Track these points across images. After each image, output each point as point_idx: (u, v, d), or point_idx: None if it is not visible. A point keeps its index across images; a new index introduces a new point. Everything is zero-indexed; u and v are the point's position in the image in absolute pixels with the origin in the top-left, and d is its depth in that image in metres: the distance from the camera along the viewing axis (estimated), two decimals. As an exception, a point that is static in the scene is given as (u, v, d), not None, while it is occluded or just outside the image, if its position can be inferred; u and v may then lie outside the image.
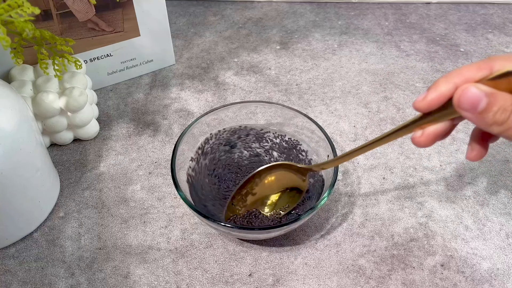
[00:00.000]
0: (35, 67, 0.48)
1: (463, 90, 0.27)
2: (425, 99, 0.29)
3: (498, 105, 0.26)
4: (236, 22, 0.68)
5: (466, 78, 0.28)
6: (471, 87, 0.27)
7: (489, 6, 0.71)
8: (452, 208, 0.43)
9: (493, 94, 0.27)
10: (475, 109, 0.27)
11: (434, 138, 0.30)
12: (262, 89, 0.56)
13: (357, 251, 0.40)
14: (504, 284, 0.38)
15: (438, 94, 0.28)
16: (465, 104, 0.27)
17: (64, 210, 0.44)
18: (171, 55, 0.59)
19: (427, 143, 0.30)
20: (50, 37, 0.38)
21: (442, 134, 0.30)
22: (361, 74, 0.58)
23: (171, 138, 0.50)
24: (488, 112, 0.27)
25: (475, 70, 0.28)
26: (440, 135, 0.30)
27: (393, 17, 0.69)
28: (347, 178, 0.46)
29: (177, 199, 0.44)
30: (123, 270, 0.39)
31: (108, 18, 0.51)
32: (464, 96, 0.27)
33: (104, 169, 0.47)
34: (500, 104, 0.26)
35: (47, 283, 0.38)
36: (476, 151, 0.32)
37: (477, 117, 0.27)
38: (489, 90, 0.27)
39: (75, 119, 0.47)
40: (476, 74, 0.28)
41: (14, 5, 0.33)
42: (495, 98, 0.26)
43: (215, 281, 0.38)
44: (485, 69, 0.28)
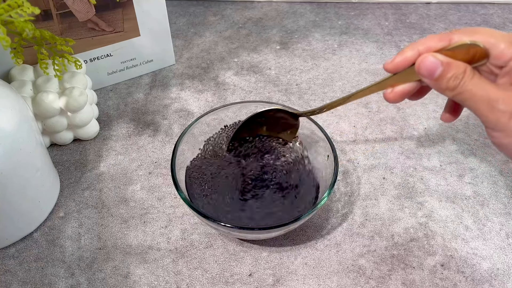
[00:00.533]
0: (35, 67, 0.48)
1: (423, 58, 0.31)
2: (392, 62, 0.33)
3: (451, 73, 0.31)
4: (236, 22, 0.68)
5: (428, 46, 0.32)
6: (430, 56, 0.31)
7: (489, 6, 0.71)
8: (452, 208, 0.43)
9: (448, 63, 0.31)
10: (432, 76, 0.31)
11: (402, 95, 0.34)
12: (262, 89, 0.56)
13: (357, 251, 0.40)
14: (504, 284, 0.38)
15: (403, 58, 0.33)
16: (424, 70, 0.31)
17: (64, 210, 0.44)
18: (171, 55, 0.59)
19: (396, 99, 0.35)
20: (50, 37, 0.38)
21: (410, 93, 0.34)
22: (361, 74, 0.58)
23: (171, 138, 0.50)
24: (442, 78, 0.31)
25: (436, 40, 0.32)
26: (408, 94, 0.34)
27: (393, 17, 0.69)
28: (347, 178, 0.46)
29: (177, 199, 0.44)
30: (123, 270, 0.39)
31: (108, 18, 0.51)
32: (423, 64, 0.31)
33: (104, 169, 0.47)
34: (453, 72, 0.30)
35: (47, 283, 0.38)
36: (447, 115, 0.37)
37: (433, 83, 0.32)
38: (445, 59, 0.31)
39: (75, 119, 0.47)
40: (437, 44, 0.32)
41: (14, 5, 0.33)
42: (449, 67, 0.31)
43: (215, 281, 0.38)
44: (445, 40, 0.32)
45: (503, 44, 0.30)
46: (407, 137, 0.50)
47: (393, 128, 0.51)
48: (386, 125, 0.51)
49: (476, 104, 0.31)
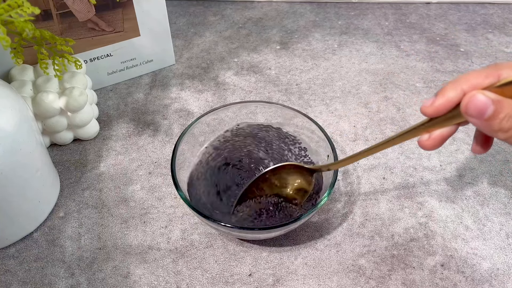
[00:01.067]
0: (35, 67, 0.48)
1: (471, 97, 0.28)
2: (433, 105, 0.29)
3: (504, 113, 0.27)
4: (236, 22, 0.68)
5: (473, 84, 0.28)
6: (479, 94, 0.27)
7: (489, 6, 0.71)
8: (452, 208, 0.43)
9: (500, 102, 0.27)
10: (482, 116, 0.27)
11: (441, 141, 0.30)
12: (262, 89, 0.56)
13: (357, 251, 0.40)
14: (504, 284, 0.38)
15: (445, 100, 0.29)
16: (473, 110, 0.28)
17: (64, 210, 0.44)
18: (171, 55, 0.59)
19: (434, 146, 0.31)
20: (50, 37, 0.38)
21: (449, 136, 0.31)
22: (361, 74, 0.58)
23: (171, 138, 0.50)
24: (494, 119, 0.27)
25: (482, 77, 0.28)
26: (446, 138, 0.31)
27: (393, 17, 0.69)
28: (347, 178, 0.46)
29: (177, 199, 0.44)
30: (123, 270, 0.39)
31: (108, 18, 0.51)
32: (471, 103, 0.27)
33: (104, 169, 0.47)
34: (506, 112, 0.27)
35: (47, 283, 0.38)
36: (480, 146, 0.33)
37: (483, 124, 0.28)
38: (496, 97, 0.27)
39: (75, 119, 0.47)
40: (484, 81, 0.28)
41: (14, 5, 0.33)
42: (502, 106, 0.27)
43: (215, 281, 0.38)
44: (493, 76, 0.28)
45: None
46: (407, 137, 0.50)
47: (393, 128, 0.51)
48: (386, 125, 0.51)
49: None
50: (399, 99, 0.55)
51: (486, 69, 0.29)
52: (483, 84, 0.28)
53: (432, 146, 0.31)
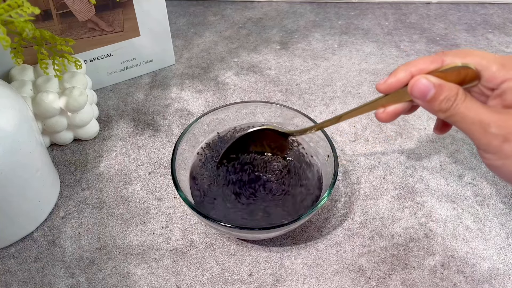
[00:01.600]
0: (35, 67, 0.48)
1: (416, 80, 0.32)
2: (385, 83, 0.34)
3: (443, 95, 0.31)
4: (236, 22, 0.68)
5: (420, 68, 0.32)
6: (422, 78, 0.31)
7: (489, 6, 0.71)
8: (452, 208, 0.43)
9: (440, 85, 0.31)
10: (424, 97, 0.31)
11: (394, 115, 0.35)
12: (262, 89, 0.56)
13: (357, 251, 0.40)
14: (504, 284, 0.38)
15: (396, 80, 0.33)
16: (416, 92, 0.32)
17: (64, 210, 0.44)
18: (171, 55, 0.59)
19: (387, 119, 0.35)
20: (50, 37, 0.38)
21: (402, 112, 0.35)
22: (361, 74, 0.58)
23: (171, 138, 0.50)
24: (435, 100, 0.31)
25: (429, 62, 0.32)
26: (399, 113, 0.35)
27: (393, 17, 0.69)
28: (347, 178, 0.46)
29: (177, 199, 0.44)
30: (123, 270, 0.39)
31: (108, 18, 0.51)
32: (416, 86, 0.31)
33: (104, 169, 0.47)
34: (445, 94, 0.31)
35: (47, 283, 0.38)
36: (440, 128, 0.37)
37: (425, 104, 0.32)
38: (437, 81, 0.31)
39: (75, 119, 0.47)
40: (429, 66, 0.32)
41: (14, 5, 0.33)
42: (442, 89, 0.31)
43: (215, 281, 0.38)
44: (437, 62, 0.32)
45: (495, 67, 0.31)
46: (407, 137, 0.50)
47: (393, 128, 0.51)
48: (386, 125, 0.51)
49: (468, 127, 0.31)
50: (399, 99, 0.55)
51: (432, 56, 0.33)
52: (429, 69, 0.32)
53: (386, 119, 0.35)
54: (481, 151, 0.31)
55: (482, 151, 0.31)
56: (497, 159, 0.30)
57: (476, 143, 0.31)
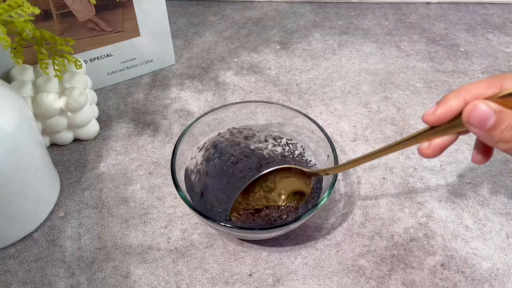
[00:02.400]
0: (35, 67, 0.48)
1: (473, 106, 0.27)
2: (435, 113, 0.29)
3: (506, 123, 0.27)
4: (236, 22, 0.68)
5: (476, 94, 0.28)
6: (481, 104, 0.27)
7: (489, 6, 0.71)
8: (452, 208, 0.43)
9: (502, 112, 0.27)
10: (484, 126, 0.27)
11: (440, 149, 0.30)
12: (262, 89, 0.56)
13: (357, 251, 0.40)
14: (504, 284, 0.38)
15: (447, 109, 0.29)
16: (474, 120, 0.28)
17: (64, 210, 0.44)
18: (171, 55, 0.59)
19: (434, 154, 0.31)
20: (50, 37, 0.38)
21: (449, 145, 0.31)
22: (361, 74, 0.58)
23: (171, 138, 0.50)
24: (496, 129, 0.27)
25: (485, 86, 0.28)
26: (446, 147, 0.31)
27: (393, 17, 0.69)
28: (347, 178, 0.46)
29: (177, 199, 0.44)
30: (123, 270, 0.39)
31: (108, 18, 0.51)
32: (473, 113, 0.27)
33: (104, 169, 0.47)
34: (508, 122, 0.27)
35: (47, 283, 0.38)
36: (481, 156, 0.33)
37: (485, 134, 0.28)
38: (498, 107, 0.27)
39: (75, 119, 0.47)
40: (486, 91, 0.28)
41: (14, 5, 0.33)
42: (503, 116, 0.27)
43: (215, 281, 0.38)
44: (495, 86, 0.28)
45: None
46: (407, 137, 0.50)
47: (393, 128, 0.51)
48: (386, 125, 0.51)
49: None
50: (399, 99, 0.55)
51: (489, 79, 0.29)
52: (485, 94, 0.28)
53: (432, 154, 0.31)
54: None
55: None
56: None
57: None
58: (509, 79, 0.28)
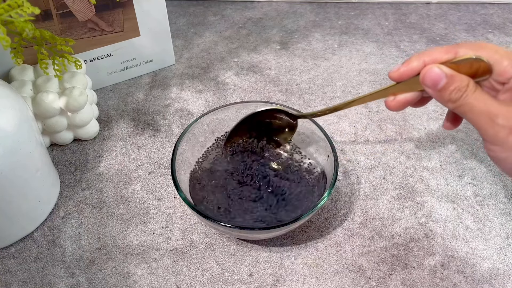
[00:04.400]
0: (35, 67, 0.48)
1: (428, 69, 0.32)
2: (398, 71, 0.34)
3: (454, 85, 0.31)
4: (236, 22, 0.68)
5: (434, 58, 0.32)
6: (435, 67, 0.32)
7: (489, 6, 0.71)
8: (452, 208, 0.43)
9: (452, 76, 0.31)
10: (436, 86, 0.32)
11: (404, 104, 0.35)
12: (262, 89, 0.56)
13: (357, 251, 0.40)
14: (504, 284, 0.38)
15: (408, 68, 0.33)
16: (428, 81, 0.32)
17: (64, 210, 0.44)
18: (171, 55, 0.59)
19: (397, 107, 0.35)
20: (50, 37, 0.38)
21: (411, 102, 0.35)
22: (361, 74, 0.58)
23: (171, 138, 0.50)
24: (445, 90, 0.31)
25: (443, 52, 0.32)
26: (409, 103, 0.35)
27: (393, 17, 0.69)
28: (347, 178, 0.46)
29: (177, 199, 0.44)
30: (123, 270, 0.39)
31: (108, 18, 0.51)
32: (428, 74, 0.32)
33: (104, 169, 0.47)
34: (456, 85, 0.31)
35: (47, 283, 0.38)
36: (450, 123, 0.37)
37: (436, 93, 0.32)
38: (449, 71, 0.31)
39: (75, 119, 0.47)
40: (443, 56, 0.32)
41: (14, 5, 0.33)
42: (453, 79, 0.31)
43: (215, 281, 0.38)
44: (451, 52, 0.32)
45: (507, 61, 0.31)
46: (407, 137, 0.50)
47: (393, 128, 0.51)
48: (386, 125, 0.51)
49: (476, 117, 0.31)
50: (399, 99, 0.55)
51: (447, 47, 0.33)
52: (442, 59, 0.32)
53: (396, 107, 0.35)
54: (487, 143, 0.32)
55: (488, 143, 0.32)
56: (502, 151, 0.31)
57: (483, 134, 0.31)
58: (464, 47, 0.32)
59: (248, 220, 0.39)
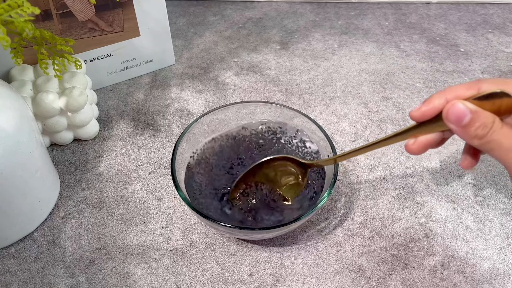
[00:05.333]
0: (35, 67, 0.48)
1: (452, 105, 0.31)
2: (419, 110, 0.32)
3: (480, 122, 0.30)
4: (236, 22, 0.68)
5: (456, 94, 0.32)
6: (458, 103, 0.30)
7: (489, 6, 0.71)
8: (452, 208, 0.43)
9: (477, 112, 0.30)
10: (460, 123, 0.30)
11: (425, 146, 0.33)
12: (262, 89, 0.56)
13: (357, 251, 0.40)
14: (504, 284, 0.38)
15: (431, 107, 0.32)
16: (452, 117, 0.31)
17: (64, 210, 0.44)
18: (171, 55, 0.59)
19: (419, 151, 0.34)
20: (50, 37, 0.38)
21: (433, 144, 0.34)
22: (361, 74, 0.58)
23: (171, 138, 0.50)
24: (470, 126, 0.30)
25: (465, 88, 0.32)
26: (431, 145, 0.33)
27: (393, 17, 0.69)
28: (347, 178, 0.46)
29: (177, 199, 0.44)
30: (123, 270, 0.39)
31: (108, 18, 0.51)
32: (451, 110, 0.31)
33: (104, 169, 0.47)
34: (482, 121, 0.30)
35: (47, 283, 0.38)
36: (468, 160, 0.36)
37: (461, 130, 0.31)
38: (473, 107, 0.30)
39: (75, 119, 0.47)
40: (465, 92, 0.31)
41: (14, 5, 0.33)
42: (478, 115, 0.30)
43: (215, 281, 0.38)
44: (474, 88, 0.31)
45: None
46: (407, 137, 0.50)
47: (393, 128, 0.51)
48: (386, 125, 0.51)
49: (504, 154, 0.30)
50: (399, 99, 0.55)
51: (469, 83, 0.32)
52: (464, 95, 0.31)
53: (417, 151, 0.34)
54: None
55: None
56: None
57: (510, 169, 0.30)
58: (486, 83, 0.31)
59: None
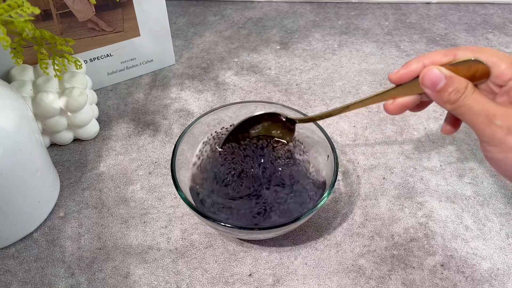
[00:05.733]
0: (35, 67, 0.48)
1: (428, 70, 0.32)
2: (398, 73, 0.34)
3: (453, 87, 0.32)
4: (236, 22, 0.68)
5: (433, 60, 0.33)
6: (434, 69, 0.32)
7: (489, 6, 0.71)
8: (452, 208, 0.43)
9: (451, 77, 0.32)
10: (434, 87, 0.32)
11: (402, 107, 0.35)
12: (262, 89, 0.56)
13: (357, 251, 0.40)
14: (504, 284, 0.38)
15: (408, 70, 0.34)
16: (427, 82, 0.32)
17: (64, 210, 0.44)
18: (171, 55, 0.59)
19: (396, 111, 0.36)
20: (50, 37, 0.38)
21: (410, 106, 0.35)
22: (361, 74, 0.58)
23: (171, 138, 0.50)
24: (444, 91, 0.32)
25: (442, 55, 0.33)
26: (408, 106, 0.35)
27: (393, 17, 0.69)
28: (347, 178, 0.46)
29: (177, 199, 0.44)
30: (123, 270, 0.39)
31: (108, 18, 0.51)
32: (427, 75, 0.32)
33: (104, 169, 0.47)
34: (455, 86, 0.32)
35: (47, 283, 0.38)
36: (448, 127, 0.38)
37: (435, 94, 0.33)
38: (448, 73, 0.32)
39: (75, 119, 0.47)
40: (442, 58, 0.33)
41: (14, 5, 0.33)
42: (452, 81, 0.32)
43: (215, 281, 0.38)
44: (450, 55, 0.33)
45: (504, 64, 0.31)
46: (407, 137, 0.50)
47: (393, 128, 0.51)
48: (386, 125, 0.51)
49: (474, 118, 0.32)
50: (399, 99, 0.55)
51: (446, 49, 0.34)
52: (441, 61, 0.33)
53: (394, 111, 0.36)
54: (484, 144, 0.32)
55: (485, 143, 0.32)
56: (499, 152, 0.31)
57: (480, 135, 0.32)
58: (462, 50, 0.33)
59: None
